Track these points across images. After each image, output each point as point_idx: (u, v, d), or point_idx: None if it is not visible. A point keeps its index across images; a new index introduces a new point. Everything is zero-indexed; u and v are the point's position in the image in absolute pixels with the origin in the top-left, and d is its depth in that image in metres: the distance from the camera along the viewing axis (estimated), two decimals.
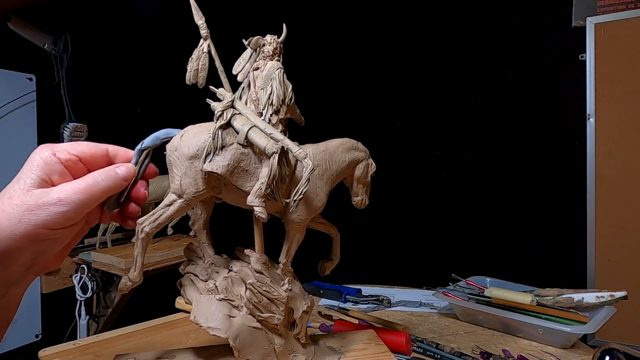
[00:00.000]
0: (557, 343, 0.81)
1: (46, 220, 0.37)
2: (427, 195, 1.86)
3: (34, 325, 1.60)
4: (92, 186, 0.41)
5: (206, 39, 0.56)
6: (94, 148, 0.44)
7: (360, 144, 0.66)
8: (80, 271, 1.45)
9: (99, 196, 0.41)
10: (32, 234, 0.37)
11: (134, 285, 0.53)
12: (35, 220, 0.37)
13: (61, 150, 0.42)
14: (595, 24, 1.45)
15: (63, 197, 0.38)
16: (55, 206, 0.38)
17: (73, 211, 0.39)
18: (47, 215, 0.37)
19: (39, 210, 0.37)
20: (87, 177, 0.41)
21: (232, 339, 0.54)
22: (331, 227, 0.68)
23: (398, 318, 0.95)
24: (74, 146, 0.43)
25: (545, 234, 1.61)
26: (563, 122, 1.57)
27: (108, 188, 0.42)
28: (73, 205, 0.39)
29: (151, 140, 0.50)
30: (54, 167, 0.40)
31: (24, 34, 1.53)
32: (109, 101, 1.79)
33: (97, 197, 0.41)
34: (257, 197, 0.52)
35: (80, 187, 0.40)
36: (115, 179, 0.43)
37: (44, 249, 0.39)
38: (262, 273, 0.57)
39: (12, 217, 0.36)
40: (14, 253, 0.37)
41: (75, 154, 0.42)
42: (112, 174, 0.43)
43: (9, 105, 1.51)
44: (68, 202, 0.38)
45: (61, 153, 0.41)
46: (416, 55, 1.86)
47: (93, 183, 0.41)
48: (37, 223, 0.37)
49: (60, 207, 0.38)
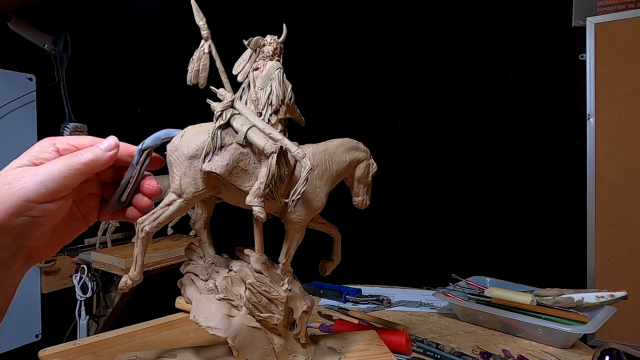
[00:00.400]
0: (557, 343, 0.81)
1: (27, 191, 0.37)
2: (427, 195, 1.86)
3: (34, 325, 1.60)
4: (72, 157, 0.40)
5: (207, 40, 0.56)
6: (94, 141, 0.44)
7: (361, 144, 0.66)
8: (80, 271, 1.45)
9: (81, 168, 0.41)
10: (12, 207, 0.37)
11: (134, 285, 0.53)
12: (16, 192, 0.37)
13: (61, 141, 0.42)
14: (595, 24, 1.45)
15: (42, 170, 0.38)
16: (35, 176, 0.38)
17: (51, 179, 0.38)
18: (28, 186, 0.37)
19: (19, 182, 0.37)
20: (70, 154, 0.41)
21: (231, 338, 0.54)
22: (332, 227, 0.68)
23: (398, 318, 0.95)
24: (75, 139, 0.43)
25: (545, 234, 1.61)
26: (563, 122, 1.57)
27: (90, 160, 0.41)
28: (51, 174, 0.38)
29: (152, 140, 0.50)
30: (46, 154, 0.40)
31: (24, 34, 1.53)
32: (109, 101, 1.79)
33: (79, 169, 0.40)
34: (256, 197, 0.52)
35: (60, 161, 0.40)
36: (98, 152, 0.42)
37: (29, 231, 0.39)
38: (262, 273, 0.57)
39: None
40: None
41: (74, 144, 0.43)
42: (94, 148, 0.42)
43: (9, 105, 1.51)
44: (47, 172, 0.38)
45: (60, 143, 0.42)
46: (416, 55, 1.86)
47: (74, 156, 0.41)
48: (19, 195, 0.37)
49: (38, 177, 0.38)
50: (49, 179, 0.38)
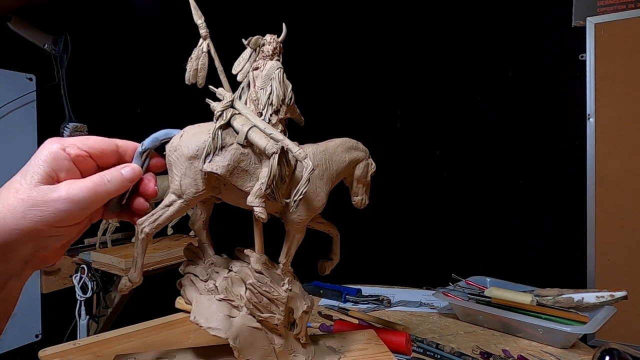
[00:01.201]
0: (557, 343, 0.81)
1: (51, 217, 0.37)
2: (427, 195, 1.86)
3: (34, 325, 1.60)
4: (98, 186, 0.41)
5: (205, 39, 0.56)
6: (104, 143, 0.44)
7: (360, 144, 0.66)
8: (80, 271, 1.45)
9: (105, 197, 0.42)
10: (36, 230, 0.37)
11: (133, 286, 0.53)
12: (40, 216, 0.37)
13: (71, 145, 0.41)
14: (595, 24, 1.45)
15: (71, 195, 0.38)
16: (61, 204, 0.38)
17: (78, 210, 0.39)
18: (52, 212, 0.37)
19: (44, 206, 0.37)
20: (95, 177, 0.41)
21: (232, 339, 0.54)
22: (331, 226, 0.68)
23: (398, 318, 0.95)
24: (84, 141, 0.43)
25: (545, 234, 1.61)
26: (563, 122, 1.57)
27: (113, 189, 0.42)
28: (79, 205, 0.39)
29: (150, 141, 0.50)
30: (62, 163, 0.40)
31: (24, 34, 1.53)
32: (109, 101, 1.79)
33: (102, 197, 0.41)
34: (257, 197, 0.52)
35: (88, 186, 0.40)
36: (121, 180, 0.43)
37: (45, 245, 0.39)
38: (262, 273, 0.57)
39: (16, 211, 0.36)
40: (15, 247, 0.37)
41: (85, 149, 0.42)
42: (117, 175, 0.43)
43: (9, 105, 1.51)
44: (74, 200, 0.38)
45: (71, 148, 0.41)
46: (416, 55, 1.86)
47: (100, 183, 0.41)
48: (42, 220, 0.37)
49: (66, 205, 0.38)
50: (75, 207, 0.38)
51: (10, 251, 0.37)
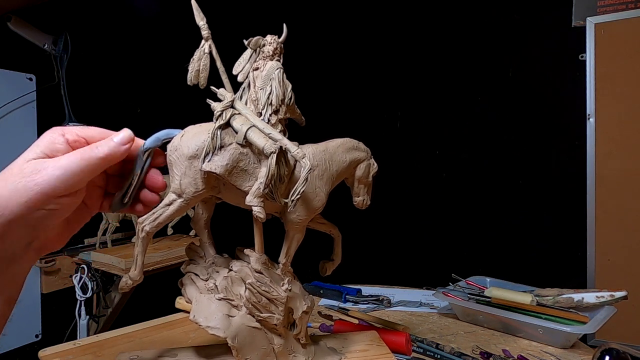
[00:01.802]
0: (557, 343, 0.81)
1: (43, 186, 0.37)
2: (427, 195, 1.86)
3: (34, 325, 1.60)
4: (88, 151, 0.41)
5: (207, 40, 0.56)
6: (103, 134, 0.45)
7: (362, 144, 0.66)
8: (80, 271, 1.45)
9: (97, 162, 0.41)
10: (29, 201, 0.37)
11: (134, 284, 0.53)
12: (31, 185, 0.37)
13: (70, 132, 0.42)
14: (595, 24, 1.45)
15: (61, 162, 0.39)
16: (52, 169, 0.38)
17: (69, 175, 0.39)
18: (44, 180, 0.37)
19: (36, 175, 0.37)
20: (85, 148, 0.42)
21: (231, 338, 0.54)
22: (332, 227, 0.68)
23: (398, 318, 0.95)
24: (84, 130, 0.43)
25: (545, 234, 1.61)
26: (563, 122, 1.57)
27: (106, 154, 0.42)
28: (69, 169, 0.39)
29: (152, 141, 0.50)
30: (58, 146, 0.41)
31: (24, 34, 1.53)
32: (109, 101, 1.79)
33: (95, 163, 0.41)
34: (255, 197, 0.52)
35: (77, 154, 0.40)
36: (112, 145, 0.43)
37: (44, 223, 0.39)
38: (262, 273, 0.57)
39: (8, 184, 0.37)
40: (13, 224, 0.37)
41: (83, 136, 0.43)
42: (107, 141, 0.43)
43: (9, 105, 1.51)
44: (63, 166, 0.39)
45: (69, 134, 0.42)
46: (416, 55, 1.86)
47: (89, 150, 0.41)
48: (34, 189, 0.37)
49: (56, 171, 0.38)
50: (66, 173, 0.39)
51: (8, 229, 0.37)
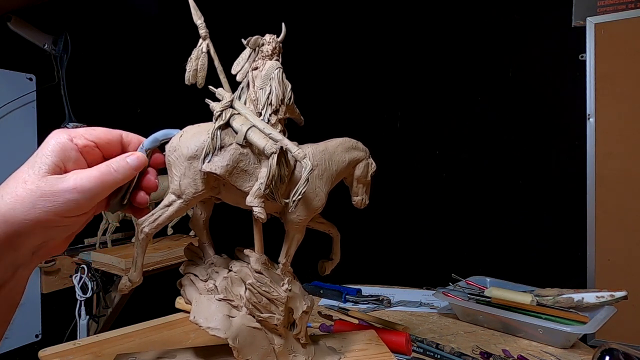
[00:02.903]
0: (557, 343, 0.81)
1: (60, 207, 0.38)
2: (427, 195, 1.85)
3: (34, 325, 1.60)
4: (106, 175, 0.41)
5: (205, 39, 0.56)
6: (109, 134, 0.45)
7: (360, 144, 0.66)
8: (80, 271, 1.45)
9: (112, 185, 0.42)
10: (44, 220, 0.37)
11: (133, 286, 0.53)
12: (49, 207, 0.37)
13: (78, 135, 0.42)
14: (595, 24, 1.45)
15: (78, 185, 0.39)
16: (70, 194, 0.38)
17: (86, 200, 0.39)
18: (61, 203, 0.38)
19: (53, 197, 0.37)
20: (102, 167, 0.42)
21: (232, 339, 0.54)
22: (331, 226, 0.68)
23: (398, 318, 0.95)
24: (90, 132, 0.43)
25: (545, 234, 1.61)
26: (563, 122, 1.57)
27: (120, 178, 0.43)
28: (87, 194, 0.39)
29: (150, 141, 0.50)
30: (70, 154, 0.41)
31: (24, 34, 1.53)
32: (109, 101, 1.79)
33: (110, 186, 0.42)
34: (256, 197, 0.52)
35: (95, 176, 0.40)
36: (127, 168, 0.43)
37: (54, 235, 0.40)
38: (262, 273, 0.57)
39: (25, 202, 0.37)
40: (25, 237, 0.37)
41: (92, 139, 0.43)
42: (123, 163, 0.43)
43: (9, 105, 1.51)
44: (83, 190, 0.39)
45: (78, 139, 0.42)
46: (416, 55, 1.85)
47: (107, 172, 0.41)
48: (51, 210, 0.37)
49: (74, 195, 0.38)
50: (84, 197, 0.39)
51: (20, 242, 0.37)
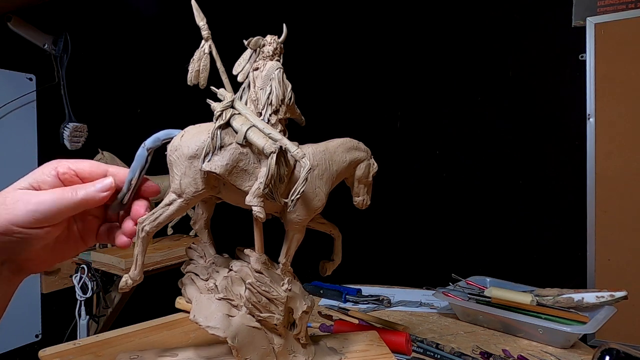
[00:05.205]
0: (557, 343, 0.81)
1: (15, 216, 0.40)
2: (427, 196, 1.86)
3: (34, 325, 1.60)
4: (66, 193, 0.42)
5: (207, 40, 0.56)
6: (94, 167, 0.46)
7: (362, 144, 0.66)
8: (80, 271, 1.45)
9: (72, 205, 0.43)
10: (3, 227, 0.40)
11: (134, 284, 0.53)
12: (6, 215, 0.40)
13: (62, 164, 0.44)
14: (595, 24, 1.45)
15: (35, 199, 0.41)
16: (26, 205, 0.40)
17: (41, 213, 0.41)
18: (17, 212, 0.40)
19: (12, 206, 0.40)
20: (67, 188, 0.43)
21: (231, 338, 0.54)
22: (332, 227, 0.68)
23: (398, 318, 0.95)
24: (77, 163, 0.45)
25: (545, 234, 1.61)
26: (563, 122, 1.57)
27: (81, 199, 0.43)
28: (42, 207, 0.41)
29: (152, 141, 0.50)
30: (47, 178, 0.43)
31: (24, 34, 1.53)
32: (109, 101, 1.79)
33: (69, 205, 0.42)
34: (255, 196, 0.52)
35: (55, 193, 0.42)
36: (91, 191, 0.44)
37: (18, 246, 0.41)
38: (262, 273, 0.57)
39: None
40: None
41: (74, 169, 0.45)
42: (89, 187, 0.44)
43: (9, 105, 1.51)
44: (38, 203, 0.41)
45: (61, 167, 0.44)
46: (416, 55, 1.86)
47: (69, 192, 0.43)
48: (7, 218, 0.40)
49: (29, 206, 0.40)
50: (38, 210, 0.41)
51: None
